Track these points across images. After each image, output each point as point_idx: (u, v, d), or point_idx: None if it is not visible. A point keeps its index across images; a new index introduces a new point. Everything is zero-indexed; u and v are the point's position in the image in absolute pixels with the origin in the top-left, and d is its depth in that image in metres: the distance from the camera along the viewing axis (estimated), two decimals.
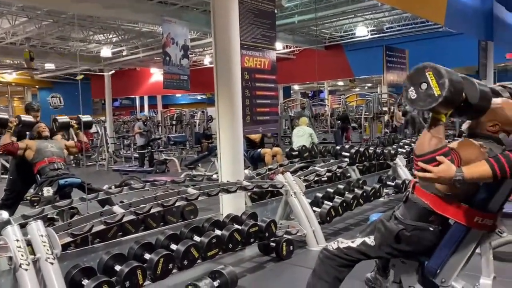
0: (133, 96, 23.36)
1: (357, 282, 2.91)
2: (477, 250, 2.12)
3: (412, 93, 1.87)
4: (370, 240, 2.22)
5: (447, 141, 1.94)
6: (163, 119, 16.64)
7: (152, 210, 3.22)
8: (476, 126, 2.08)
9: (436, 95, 1.79)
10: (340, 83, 25.19)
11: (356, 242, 2.26)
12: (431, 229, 2.08)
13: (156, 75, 17.46)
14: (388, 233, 2.14)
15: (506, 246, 3.60)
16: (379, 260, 2.66)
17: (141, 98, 23.27)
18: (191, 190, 3.49)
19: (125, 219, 3.09)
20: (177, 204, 3.41)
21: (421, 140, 1.88)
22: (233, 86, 4.28)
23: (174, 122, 16.52)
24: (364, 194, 5.08)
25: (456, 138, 6.92)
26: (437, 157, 1.79)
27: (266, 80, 4.88)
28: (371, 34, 13.13)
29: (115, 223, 3.06)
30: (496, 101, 2.07)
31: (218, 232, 3.42)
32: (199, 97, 25.72)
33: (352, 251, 2.25)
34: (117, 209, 3.15)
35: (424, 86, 1.83)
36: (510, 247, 3.57)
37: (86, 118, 4.17)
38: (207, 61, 16.18)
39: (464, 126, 2.19)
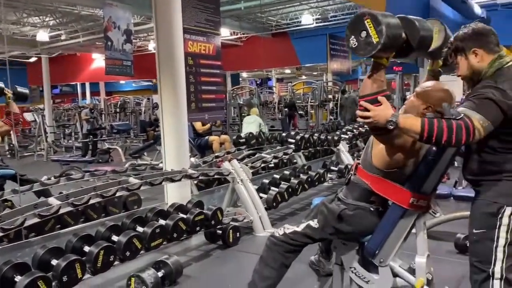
0: (74, 83, 22.27)
1: (303, 266, 2.96)
2: (413, 230, 2.22)
3: (353, 42, 1.89)
4: (314, 223, 2.26)
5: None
6: (106, 107, 16.02)
7: (91, 201, 3.09)
8: (411, 110, 2.14)
9: (375, 42, 1.81)
10: (287, 71, 25.42)
11: (301, 227, 2.30)
12: (371, 209, 2.16)
13: (98, 60, 16.70)
14: (330, 214, 2.18)
15: (440, 226, 3.81)
16: (322, 243, 2.73)
17: (83, 85, 22.24)
18: (132, 180, 3.38)
19: (61, 211, 2.95)
20: (118, 194, 3.29)
21: (364, 82, 1.93)
22: (177, 71, 4.17)
23: (118, 110, 15.96)
24: (309, 179, 5.18)
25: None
26: (379, 98, 1.83)
27: (211, 66, 4.80)
28: (316, 23, 13.30)
29: (50, 216, 2.91)
30: (426, 84, 2.15)
31: (162, 222, 3.34)
32: (144, 83, 25.01)
33: (298, 236, 2.28)
34: (53, 200, 2.99)
35: (363, 34, 1.84)
36: (444, 226, 3.78)
37: (22, 89, 3.86)
38: (152, 46, 15.69)
39: (400, 112, 2.26)
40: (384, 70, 1.93)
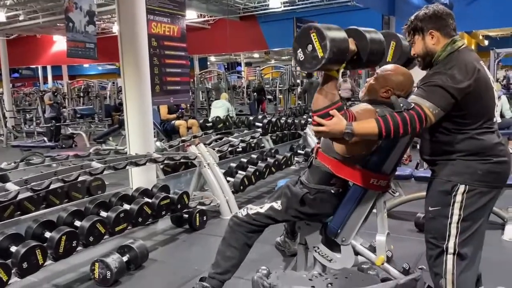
0: (34, 66, 21.41)
1: (268, 246, 3.01)
2: (374, 210, 2.28)
3: (300, 55, 1.89)
4: (277, 205, 2.28)
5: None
6: (70, 91, 15.52)
7: (52, 186, 3.00)
8: (370, 93, 2.18)
9: (320, 56, 1.82)
10: (256, 55, 25.30)
11: (264, 208, 2.31)
12: (332, 191, 2.19)
13: (60, 43, 16.05)
14: (293, 197, 2.21)
15: (401, 206, 3.94)
16: (287, 224, 2.76)
17: (44, 69, 21.41)
18: (95, 164, 3.30)
19: (20, 196, 2.86)
20: (80, 179, 3.21)
21: (316, 96, 1.93)
22: (140, 53, 4.07)
23: (81, 94, 15.50)
24: (276, 162, 5.22)
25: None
26: (330, 112, 1.85)
27: (176, 48, 4.71)
28: (284, 6, 13.24)
29: (9, 201, 2.82)
30: (386, 68, 2.18)
31: (126, 206, 3.30)
32: (109, 67, 24.34)
33: (261, 217, 2.29)
34: (11, 186, 2.89)
35: (309, 47, 1.85)
36: (405, 206, 3.91)
37: None
38: (116, 28, 15.25)
39: (360, 95, 2.30)
40: (335, 82, 1.94)
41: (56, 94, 11.22)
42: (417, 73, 2.16)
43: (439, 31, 1.89)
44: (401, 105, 1.78)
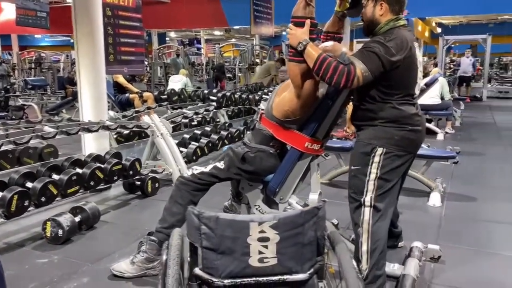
0: None
1: (216, 211, 3.21)
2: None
3: None
4: (221, 164, 2.48)
5: None
6: (20, 62, 14.90)
7: (3, 148, 3.05)
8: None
9: None
10: (217, 32, 25.10)
11: (208, 167, 2.51)
12: (271, 151, 2.42)
13: (9, 11, 15.29)
14: (235, 156, 2.42)
15: (342, 176, 4.26)
16: (232, 187, 2.97)
17: None
18: (47, 129, 3.36)
19: None
20: (32, 142, 3.27)
21: (299, 3, 2.14)
22: (94, 22, 4.08)
23: (33, 66, 14.92)
24: (229, 135, 5.42)
25: None
26: (307, 22, 2.10)
27: (130, 18, 4.74)
28: None
29: None
30: (326, 44, 2.40)
31: (79, 170, 3.39)
32: (63, 39, 23.39)
33: (205, 175, 2.48)
34: None
35: None
36: (345, 176, 4.22)
37: None
38: None
39: None
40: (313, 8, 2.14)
41: (1, 63, 10.78)
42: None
43: (389, 5, 2.13)
44: (343, 59, 2.02)
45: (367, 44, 2.07)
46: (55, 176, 3.22)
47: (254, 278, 1.43)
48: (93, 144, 4.19)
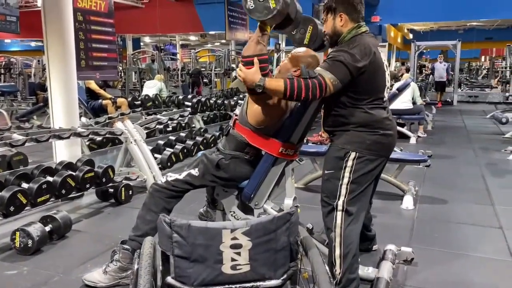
0: None
1: (192, 217, 3.17)
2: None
3: (250, 3, 2.09)
4: (195, 171, 2.46)
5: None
6: None
7: None
8: (284, 71, 2.41)
9: (272, 7, 2.05)
10: (193, 37, 25.06)
11: (182, 175, 2.48)
12: (246, 157, 2.42)
13: None
14: (210, 163, 2.41)
15: (317, 180, 4.29)
16: (207, 194, 2.96)
17: None
18: (16, 136, 3.27)
19: None
20: (0, 150, 3.17)
21: (249, 44, 2.15)
22: (65, 27, 3.99)
23: (2, 71, 14.50)
24: (205, 141, 5.39)
25: None
26: (255, 60, 2.09)
27: (102, 24, 4.68)
28: None
29: None
30: (298, 50, 2.43)
31: (49, 178, 3.31)
32: (35, 44, 22.90)
33: (179, 182, 2.46)
34: None
35: None
36: (319, 180, 4.25)
37: None
38: (40, 1, 14.38)
39: (275, 72, 2.53)
40: (267, 36, 2.17)
41: None
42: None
43: (348, 15, 2.17)
44: (308, 73, 2.04)
45: (331, 54, 2.11)
46: (25, 185, 3.13)
47: (227, 286, 1.42)
48: (64, 152, 4.09)
